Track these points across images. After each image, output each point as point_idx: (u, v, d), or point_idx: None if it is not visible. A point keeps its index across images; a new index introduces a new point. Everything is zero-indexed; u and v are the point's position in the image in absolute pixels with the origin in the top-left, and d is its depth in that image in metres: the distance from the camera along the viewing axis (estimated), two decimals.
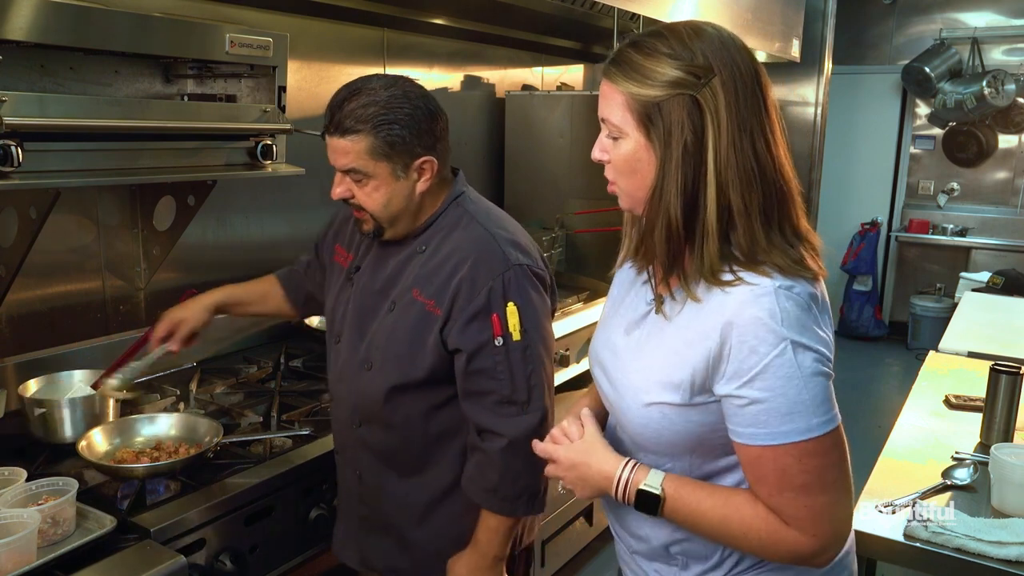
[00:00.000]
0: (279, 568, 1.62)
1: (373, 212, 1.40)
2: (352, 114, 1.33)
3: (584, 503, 2.74)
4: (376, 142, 1.33)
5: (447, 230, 1.43)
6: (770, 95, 1.00)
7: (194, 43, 1.71)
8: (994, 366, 1.85)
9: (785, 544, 0.98)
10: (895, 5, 6.14)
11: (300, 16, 2.40)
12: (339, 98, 1.35)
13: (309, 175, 2.00)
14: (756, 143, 0.97)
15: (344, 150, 1.34)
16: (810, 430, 0.94)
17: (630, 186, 1.03)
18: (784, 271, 0.97)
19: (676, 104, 0.96)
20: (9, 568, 1.16)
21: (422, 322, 1.39)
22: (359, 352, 1.46)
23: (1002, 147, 5.95)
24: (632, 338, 1.10)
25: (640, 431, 1.06)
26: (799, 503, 0.96)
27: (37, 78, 1.64)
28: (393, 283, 1.45)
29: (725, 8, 3.43)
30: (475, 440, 1.41)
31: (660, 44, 0.98)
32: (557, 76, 3.75)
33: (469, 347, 1.36)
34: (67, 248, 1.98)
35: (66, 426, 1.64)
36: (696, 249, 0.98)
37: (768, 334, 0.93)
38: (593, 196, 3.19)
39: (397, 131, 1.33)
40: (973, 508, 1.51)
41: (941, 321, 4.59)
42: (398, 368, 1.41)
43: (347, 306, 1.51)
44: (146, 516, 1.40)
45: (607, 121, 1.02)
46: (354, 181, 1.38)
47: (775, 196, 0.99)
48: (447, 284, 1.38)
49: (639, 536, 1.15)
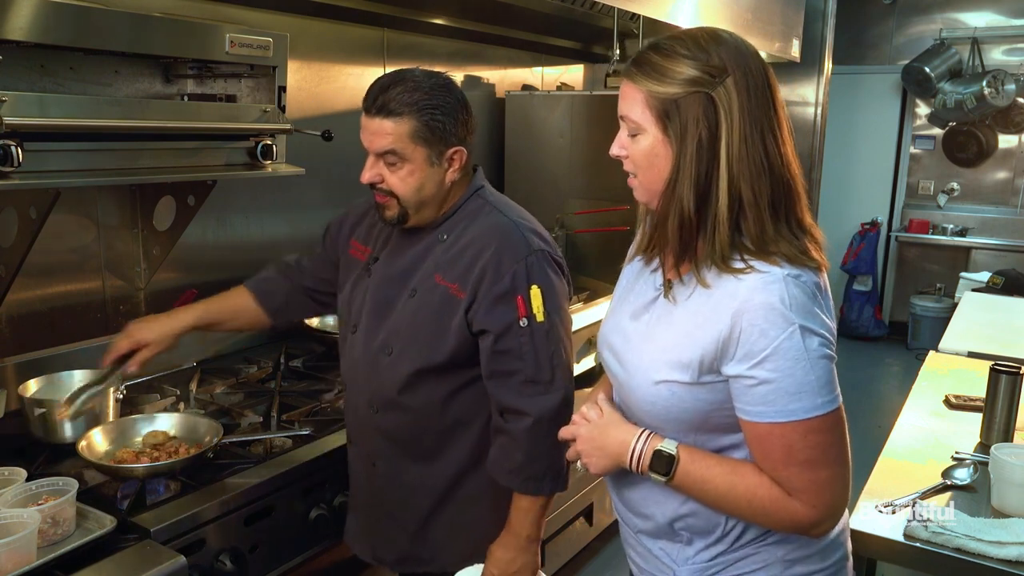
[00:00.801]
0: (279, 568, 1.62)
1: (404, 197, 1.41)
2: (398, 97, 1.35)
3: (583, 503, 2.74)
4: (419, 126, 1.36)
5: (468, 220, 1.47)
6: (779, 96, 1.06)
7: (194, 43, 1.71)
8: (994, 366, 1.85)
9: (787, 512, 1.04)
10: (895, 5, 6.14)
11: (300, 16, 2.40)
12: (384, 82, 1.38)
13: (309, 175, 2.00)
14: (766, 139, 1.03)
15: (386, 131, 1.36)
16: (815, 408, 1.00)
17: (647, 179, 1.09)
18: (791, 260, 1.03)
19: (692, 101, 1.02)
20: (9, 568, 1.16)
21: (446, 305, 1.43)
22: (378, 339, 1.48)
23: (1002, 147, 5.95)
24: (641, 322, 1.16)
25: (649, 408, 1.11)
26: (803, 477, 1.02)
27: (37, 78, 1.64)
28: (413, 271, 1.48)
29: (725, 8, 3.43)
30: (499, 422, 1.44)
31: (678, 46, 1.04)
32: (557, 76, 3.75)
33: (496, 328, 1.40)
34: (67, 248, 1.98)
35: (66, 426, 1.63)
36: (708, 237, 1.04)
37: (778, 318, 0.99)
38: (593, 196, 3.19)
39: (440, 117, 1.38)
40: (973, 508, 1.51)
41: (941, 321, 4.59)
42: (420, 352, 1.44)
43: (365, 296, 1.52)
44: (146, 516, 1.40)
45: (627, 118, 1.08)
46: (388, 165, 1.40)
47: (782, 190, 1.05)
48: (471, 268, 1.41)
49: (644, 515, 1.19)
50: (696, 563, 1.16)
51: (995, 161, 5.99)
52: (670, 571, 1.19)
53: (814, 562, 1.14)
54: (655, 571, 1.22)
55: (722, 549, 1.14)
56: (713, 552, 1.15)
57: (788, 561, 1.13)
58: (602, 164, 3.17)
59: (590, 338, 2.72)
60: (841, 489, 1.05)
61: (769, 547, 1.13)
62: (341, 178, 2.56)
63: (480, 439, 1.49)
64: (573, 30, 3.29)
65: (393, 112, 1.36)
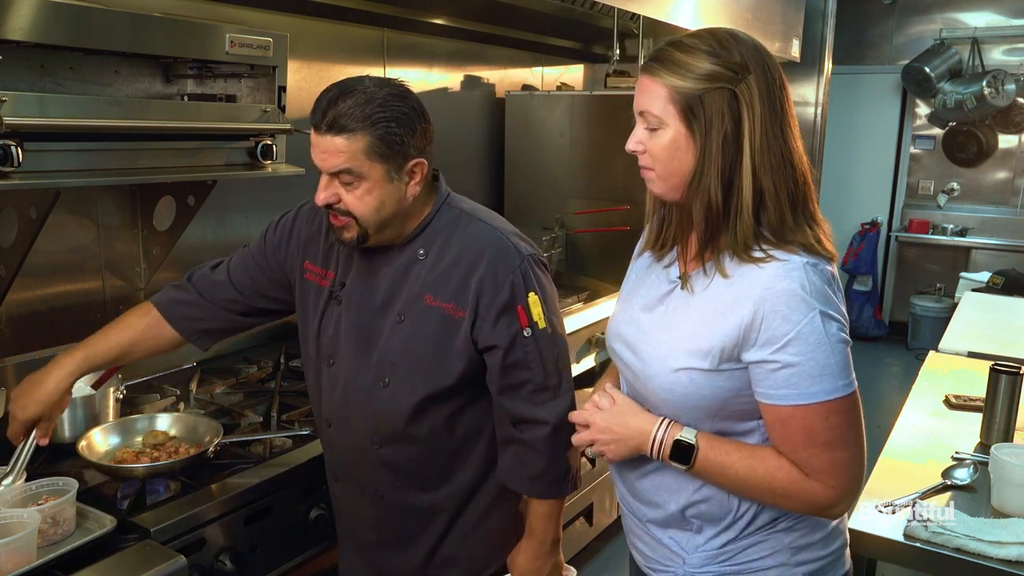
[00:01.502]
0: (279, 568, 1.62)
1: (362, 217, 1.31)
2: (349, 112, 1.25)
3: (583, 503, 2.74)
4: (374, 141, 1.26)
5: (446, 233, 1.39)
6: (790, 95, 1.11)
7: (194, 43, 1.70)
8: (994, 366, 1.85)
9: (806, 494, 1.08)
10: (895, 5, 6.14)
11: (300, 16, 2.40)
12: (331, 95, 1.27)
13: (309, 175, 1.99)
14: (784, 133, 1.08)
15: (338, 149, 1.26)
16: (836, 390, 1.04)
17: (667, 172, 1.11)
18: (808, 249, 1.07)
19: (716, 97, 1.05)
20: (9, 568, 1.16)
21: (444, 326, 1.36)
22: (369, 371, 1.39)
23: (1002, 147, 5.94)
24: (656, 313, 1.18)
25: (667, 396, 1.13)
26: (823, 458, 1.06)
27: (37, 78, 1.64)
28: (395, 294, 1.39)
29: (725, 8, 3.43)
30: (511, 432, 1.40)
31: (700, 43, 1.07)
32: (557, 76, 3.75)
33: (504, 342, 1.35)
34: (67, 248, 1.98)
35: (66, 426, 1.64)
36: (731, 227, 1.08)
37: (800, 303, 1.03)
38: (593, 196, 3.19)
39: (395, 129, 1.27)
40: (973, 508, 1.51)
41: (941, 321, 4.59)
42: (425, 379, 1.37)
43: (338, 326, 1.43)
44: (146, 516, 1.40)
45: (647, 113, 1.09)
46: (343, 184, 1.30)
47: (799, 183, 1.09)
48: (465, 285, 1.35)
49: (655, 503, 1.21)
50: (706, 550, 1.18)
51: (995, 161, 5.99)
52: (679, 559, 1.21)
53: (818, 548, 1.17)
54: (663, 560, 1.24)
55: (732, 536, 1.17)
56: (723, 539, 1.17)
57: (795, 548, 1.16)
58: (602, 164, 3.18)
59: (590, 338, 2.72)
60: (857, 470, 1.08)
61: (777, 534, 1.16)
62: None
63: (488, 451, 1.45)
64: (573, 30, 3.29)
65: (345, 128, 1.25)
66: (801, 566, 1.16)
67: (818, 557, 1.17)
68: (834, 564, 1.20)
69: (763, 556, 1.16)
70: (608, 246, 3.13)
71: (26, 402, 1.42)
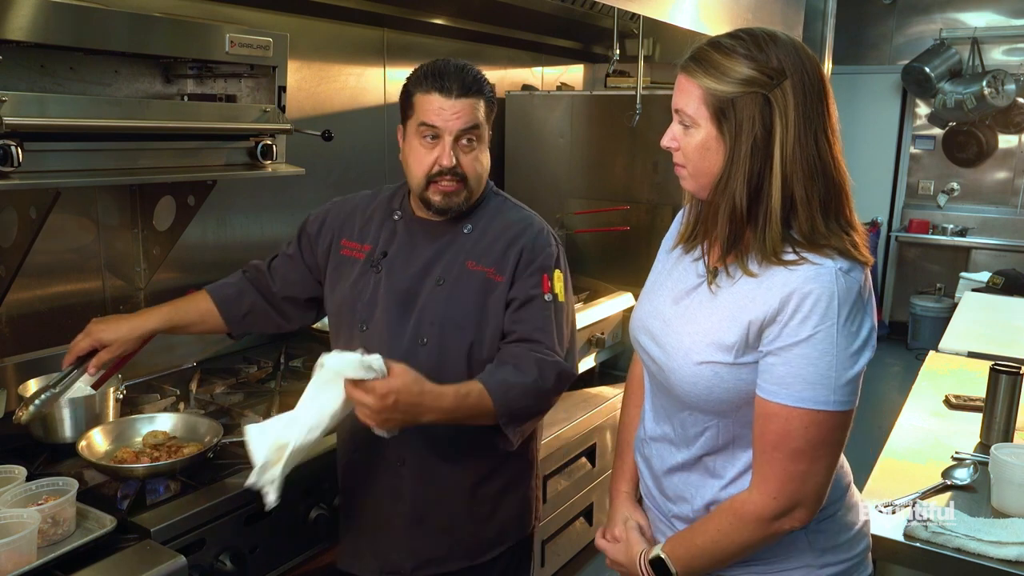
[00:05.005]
0: (279, 568, 1.62)
1: (473, 178, 1.44)
2: (474, 77, 1.40)
3: (583, 503, 2.74)
4: (488, 105, 1.43)
5: (492, 212, 1.51)
6: (831, 98, 1.08)
7: (194, 43, 1.71)
8: (994, 366, 1.85)
9: (748, 513, 1.08)
10: (895, 5, 6.14)
11: (300, 16, 2.40)
12: (450, 65, 1.40)
13: (309, 175, 2.00)
14: (819, 141, 1.06)
15: (471, 108, 1.39)
16: (827, 403, 1.03)
17: (697, 171, 1.11)
18: (842, 254, 1.06)
19: (749, 101, 1.04)
20: (9, 568, 1.16)
21: (483, 288, 1.45)
22: (406, 332, 1.46)
23: (1002, 147, 5.95)
24: (681, 306, 1.18)
25: (690, 389, 1.13)
26: (781, 465, 1.06)
27: (37, 78, 1.64)
28: (435, 262, 1.47)
29: (725, 8, 3.43)
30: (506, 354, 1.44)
31: (738, 45, 1.06)
32: (557, 76, 3.75)
33: (522, 296, 1.44)
34: (67, 248, 1.98)
35: (66, 426, 1.64)
36: (759, 232, 1.07)
37: (824, 310, 1.02)
38: (593, 196, 3.19)
39: (495, 99, 1.45)
40: (973, 508, 1.51)
41: (941, 321, 4.59)
42: (462, 337, 1.44)
43: (374, 292, 1.49)
44: (146, 516, 1.40)
45: (681, 111, 1.10)
46: (465, 145, 1.41)
47: (834, 190, 1.08)
48: (507, 253, 1.46)
49: (683, 499, 1.22)
50: None
51: (995, 161, 5.99)
52: None
53: (843, 551, 1.17)
54: None
55: None
56: None
57: (821, 549, 1.15)
58: (602, 164, 3.18)
59: (590, 338, 2.72)
60: (811, 487, 1.07)
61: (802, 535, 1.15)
62: (341, 178, 2.56)
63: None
64: (573, 30, 3.29)
65: (472, 90, 1.39)
66: (826, 568, 1.15)
67: (842, 559, 1.17)
68: (858, 567, 1.19)
69: (787, 556, 1.15)
70: (608, 246, 3.13)
71: (103, 326, 1.48)
